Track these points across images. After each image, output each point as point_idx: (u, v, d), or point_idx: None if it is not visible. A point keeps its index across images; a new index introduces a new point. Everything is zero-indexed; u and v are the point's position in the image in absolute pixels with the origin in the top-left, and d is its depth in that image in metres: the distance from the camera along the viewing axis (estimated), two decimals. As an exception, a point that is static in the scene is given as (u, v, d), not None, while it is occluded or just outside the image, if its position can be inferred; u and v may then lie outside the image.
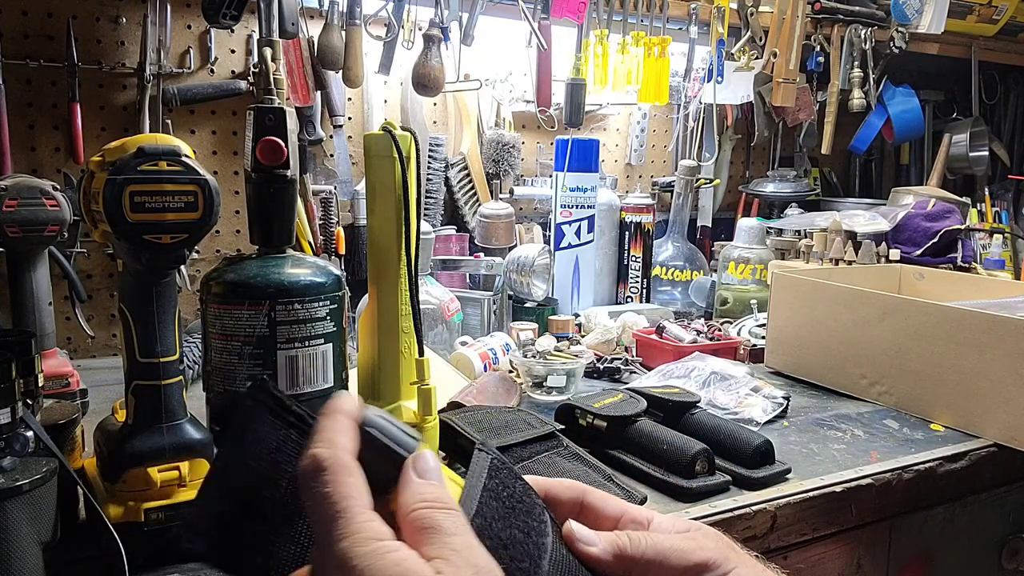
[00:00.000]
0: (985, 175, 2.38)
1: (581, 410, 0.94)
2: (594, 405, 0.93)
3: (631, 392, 0.97)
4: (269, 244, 0.79)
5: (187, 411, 0.69)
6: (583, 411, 0.94)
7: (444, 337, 1.30)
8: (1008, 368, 1.00)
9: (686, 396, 0.98)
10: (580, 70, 1.62)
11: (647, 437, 0.89)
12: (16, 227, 0.97)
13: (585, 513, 0.44)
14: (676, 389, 1.01)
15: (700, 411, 0.97)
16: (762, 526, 0.83)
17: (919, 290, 1.39)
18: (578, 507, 0.44)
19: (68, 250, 1.28)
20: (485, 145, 1.67)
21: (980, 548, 1.09)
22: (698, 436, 0.90)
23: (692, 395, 0.99)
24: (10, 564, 0.59)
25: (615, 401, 0.95)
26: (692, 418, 0.95)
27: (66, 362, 1.06)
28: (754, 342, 1.41)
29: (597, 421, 0.92)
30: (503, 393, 1.07)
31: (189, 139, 1.41)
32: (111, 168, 0.63)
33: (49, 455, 0.65)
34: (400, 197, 0.80)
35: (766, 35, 1.80)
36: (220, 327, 0.75)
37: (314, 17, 1.44)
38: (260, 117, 0.76)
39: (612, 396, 0.96)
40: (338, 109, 1.49)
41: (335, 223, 1.48)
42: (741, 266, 1.66)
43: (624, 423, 0.91)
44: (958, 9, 2.09)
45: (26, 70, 1.28)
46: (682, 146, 2.00)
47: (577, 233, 1.63)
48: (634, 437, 0.90)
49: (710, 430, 0.92)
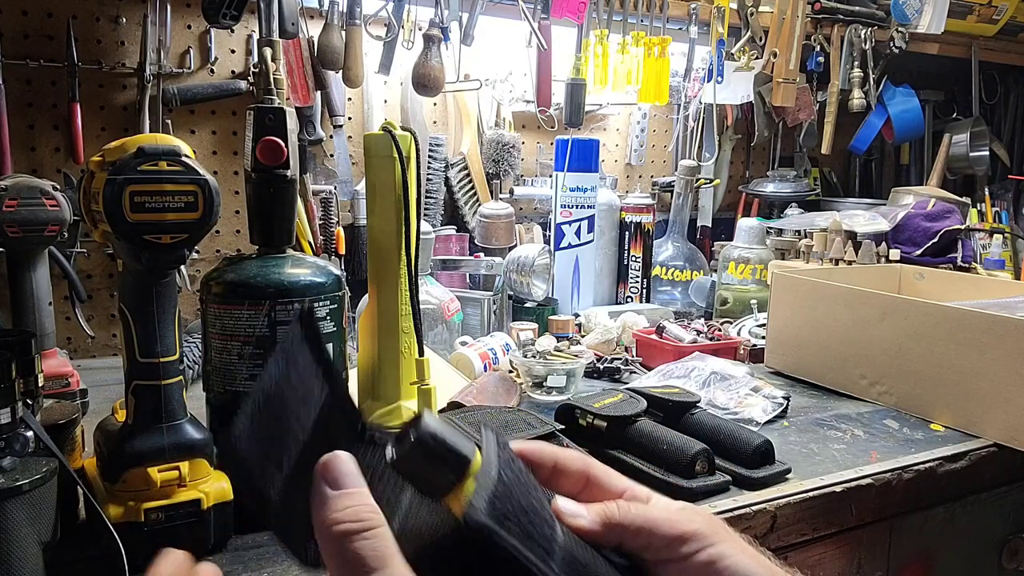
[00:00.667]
0: (985, 175, 2.38)
1: (581, 410, 0.94)
2: (594, 405, 0.93)
3: (631, 392, 0.97)
4: (269, 244, 0.79)
5: (187, 411, 0.69)
6: (583, 411, 0.94)
7: (444, 337, 1.30)
8: (1008, 368, 1.00)
9: (686, 396, 0.98)
10: (580, 70, 1.62)
11: (647, 437, 0.89)
12: (16, 227, 0.97)
13: (590, 487, 0.44)
14: (676, 389, 1.01)
15: (700, 411, 0.97)
16: (762, 526, 0.83)
17: (919, 290, 1.39)
18: (584, 480, 0.44)
19: (68, 250, 1.28)
20: (485, 145, 1.67)
21: (980, 548, 1.09)
22: (698, 436, 0.89)
23: (692, 395, 0.99)
24: (10, 564, 0.59)
25: (615, 401, 0.94)
26: (692, 418, 0.95)
27: (66, 362, 1.06)
28: (754, 342, 1.41)
29: (597, 421, 0.92)
30: (503, 393, 1.07)
31: (189, 139, 1.41)
32: (111, 168, 0.63)
33: (49, 455, 0.65)
34: (400, 197, 0.80)
35: (766, 35, 1.80)
36: (220, 327, 0.75)
37: (314, 17, 1.44)
38: (260, 117, 0.76)
39: (612, 396, 0.96)
40: (338, 109, 1.49)
41: (335, 223, 1.48)
42: (741, 266, 1.66)
43: (624, 423, 0.91)
44: (958, 9, 2.09)
45: (26, 70, 1.28)
46: (682, 146, 2.00)
47: (577, 233, 1.63)
48: (634, 437, 0.90)
49: (710, 430, 0.92)
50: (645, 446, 0.88)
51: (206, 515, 0.68)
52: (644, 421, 0.92)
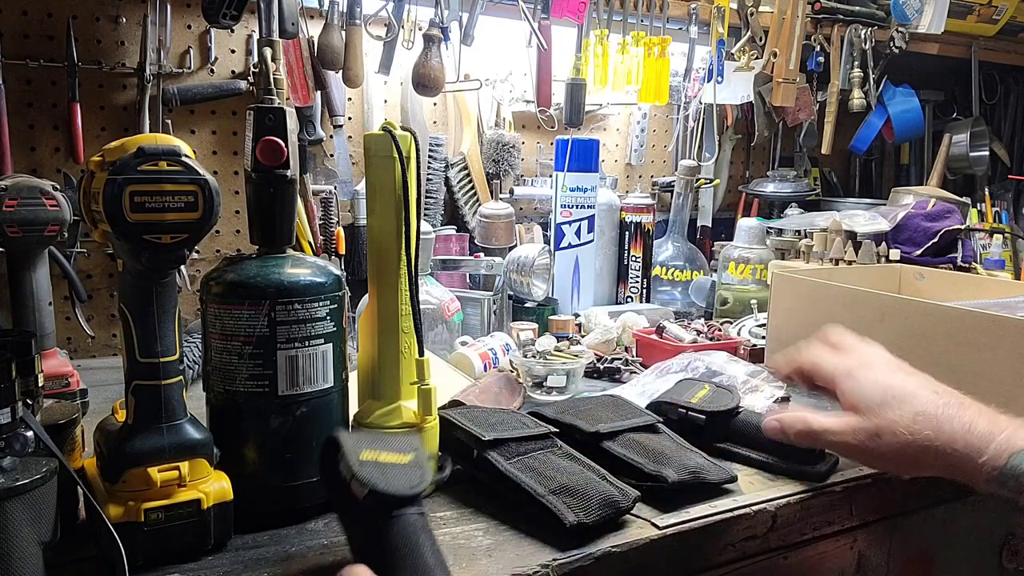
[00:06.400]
0: (985, 175, 2.38)
1: (678, 406, 0.96)
2: (692, 401, 0.96)
3: (716, 386, 1.01)
4: (269, 244, 0.79)
5: (187, 411, 0.69)
6: (681, 407, 0.96)
7: (444, 337, 1.30)
8: (1008, 368, 1.00)
9: (721, 401, 0.98)
10: (580, 70, 1.62)
11: (756, 427, 0.91)
12: (16, 227, 0.97)
13: None
14: (704, 391, 1.01)
15: (743, 411, 0.98)
16: (762, 526, 0.83)
17: (919, 290, 1.39)
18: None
19: (68, 250, 1.28)
20: (485, 145, 1.67)
21: (980, 548, 1.09)
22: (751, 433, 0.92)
23: (729, 397, 0.99)
24: (10, 564, 0.59)
25: (706, 395, 0.98)
26: (738, 418, 0.96)
27: (66, 362, 1.06)
28: (754, 342, 1.41)
29: (692, 414, 0.94)
30: (507, 394, 1.07)
31: (189, 139, 1.41)
32: (111, 168, 0.63)
33: (49, 455, 0.65)
34: (400, 197, 0.80)
35: (766, 35, 1.80)
36: (220, 327, 0.75)
37: (314, 17, 1.44)
38: (260, 117, 0.76)
39: (701, 389, 0.99)
40: (338, 109, 1.49)
41: (335, 223, 1.48)
42: (741, 266, 1.66)
43: (728, 416, 0.94)
44: (958, 9, 2.09)
45: (26, 70, 1.28)
46: (682, 146, 2.00)
47: (577, 233, 1.63)
48: (741, 429, 0.93)
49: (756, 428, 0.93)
50: (755, 436, 0.91)
51: (206, 515, 0.68)
52: (745, 412, 0.96)
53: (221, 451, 0.71)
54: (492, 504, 0.80)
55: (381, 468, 0.61)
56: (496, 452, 0.81)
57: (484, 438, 0.81)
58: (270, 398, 0.74)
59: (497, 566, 0.69)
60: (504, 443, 0.82)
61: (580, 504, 0.74)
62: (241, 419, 0.75)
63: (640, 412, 0.94)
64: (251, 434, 0.76)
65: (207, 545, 0.69)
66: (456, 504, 0.81)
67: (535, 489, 0.76)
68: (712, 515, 0.80)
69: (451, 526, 0.77)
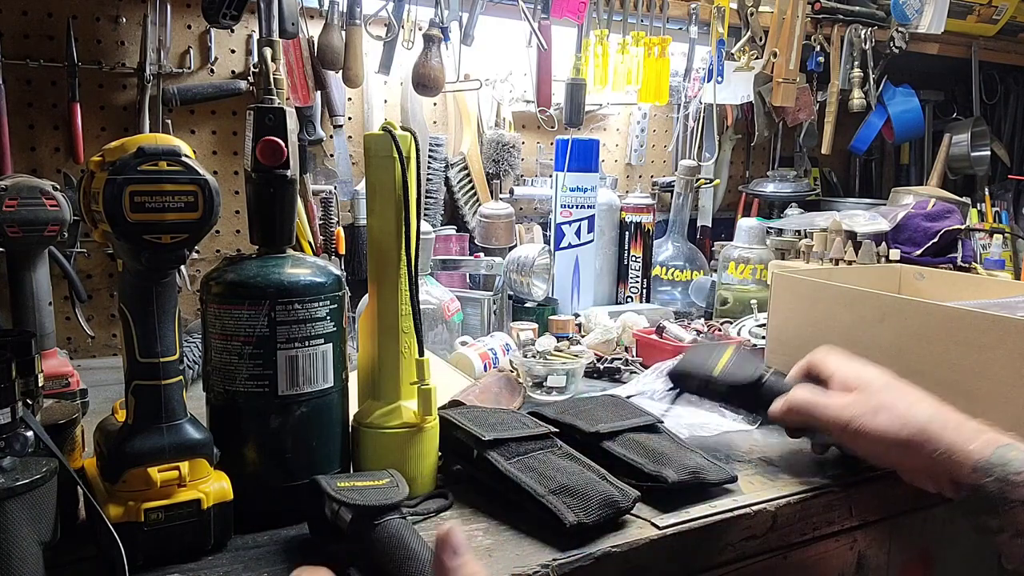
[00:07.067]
0: (985, 175, 2.38)
1: (696, 376, 0.96)
2: (716, 368, 0.94)
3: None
4: (269, 244, 0.79)
5: (187, 411, 0.69)
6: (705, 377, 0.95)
7: (444, 337, 1.30)
8: (1008, 368, 1.00)
9: (745, 371, 0.96)
10: (580, 70, 1.62)
11: (777, 394, 0.91)
12: (16, 227, 0.97)
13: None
14: (727, 356, 0.99)
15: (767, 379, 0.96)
16: (762, 526, 0.83)
17: (919, 290, 1.39)
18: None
19: (68, 250, 1.28)
20: (485, 145, 1.67)
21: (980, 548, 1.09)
22: None
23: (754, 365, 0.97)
24: (10, 564, 0.59)
25: (731, 358, 0.96)
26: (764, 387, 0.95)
27: (66, 362, 1.06)
28: (754, 342, 1.41)
29: (717, 386, 0.94)
30: (507, 394, 1.07)
31: (189, 139, 1.41)
32: (111, 168, 0.63)
33: (49, 455, 0.65)
34: (400, 197, 0.80)
35: (766, 35, 1.80)
36: (220, 327, 0.75)
37: (314, 17, 1.44)
38: (260, 117, 0.76)
39: (725, 353, 0.97)
40: (338, 109, 1.49)
41: (335, 223, 1.48)
42: (741, 266, 1.66)
43: (757, 385, 0.93)
44: (958, 9, 2.09)
45: (26, 70, 1.28)
46: (682, 146, 2.00)
47: (577, 233, 1.63)
48: (766, 396, 0.92)
49: None
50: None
51: (206, 515, 0.68)
52: (769, 378, 0.94)
53: (221, 451, 0.71)
54: (492, 504, 0.80)
55: (359, 491, 0.68)
56: (496, 452, 0.81)
57: (484, 438, 0.81)
58: (270, 398, 0.75)
59: (497, 566, 0.69)
60: (504, 443, 0.82)
61: (580, 504, 0.74)
62: (241, 419, 0.75)
63: (640, 412, 0.94)
64: (251, 434, 0.76)
65: (207, 545, 0.69)
66: (456, 504, 0.81)
67: (535, 489, 0.76)
68: (712, 515, 0.80)
69: (451, 526, 0.77)
